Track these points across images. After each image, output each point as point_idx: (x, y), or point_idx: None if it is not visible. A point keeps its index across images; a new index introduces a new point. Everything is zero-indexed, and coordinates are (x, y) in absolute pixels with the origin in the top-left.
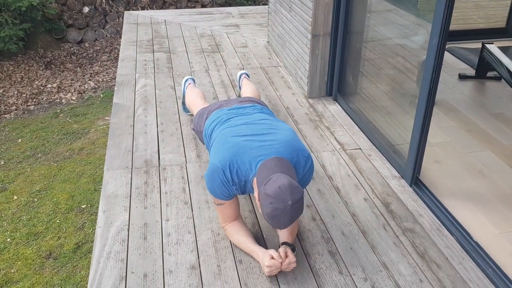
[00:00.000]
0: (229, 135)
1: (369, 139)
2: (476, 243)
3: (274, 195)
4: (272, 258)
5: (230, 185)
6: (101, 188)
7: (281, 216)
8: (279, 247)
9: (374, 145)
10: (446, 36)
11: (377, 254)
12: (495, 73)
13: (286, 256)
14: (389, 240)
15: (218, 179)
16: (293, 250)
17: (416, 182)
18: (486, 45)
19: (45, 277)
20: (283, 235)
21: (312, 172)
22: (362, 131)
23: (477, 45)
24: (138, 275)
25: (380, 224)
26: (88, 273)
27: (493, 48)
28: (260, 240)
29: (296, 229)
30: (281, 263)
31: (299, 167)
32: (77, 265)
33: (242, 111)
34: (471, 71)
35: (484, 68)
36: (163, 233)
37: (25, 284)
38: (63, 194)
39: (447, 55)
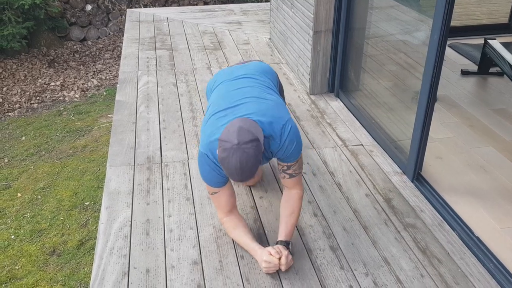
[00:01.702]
0: (207, 116)
1: (371, 135)
2: (478, 238)
3: (223, 137)
4: (270, 254)
5: (218, 168)
6: (104, 185)
7: (230, 158)
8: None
9: (376, 141)
10: (447, 32)
11: (379, 250)
12: (498, 69)
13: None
14: (390, 236)
15: (205, 165)
16: (286, 246)
17: (417, 178)
18: (488, 41)
19: (49, 273)
20: (280, 233)
21: (293, 140)
22: (364, 127)
23: (480, 41)
24: (141, 270)
25: (382, 220)
26: (91, 269)
27: (496, 44)
28: (262, 236)
29: (292, 227)
30: (279, 259)
31: (276, 137)
32: (81, 261)
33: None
34: (474, 67)
35: (487, 64)
36: (165, 229)
37: (29, 281)
38: (66, 192)
39: (449, 51)
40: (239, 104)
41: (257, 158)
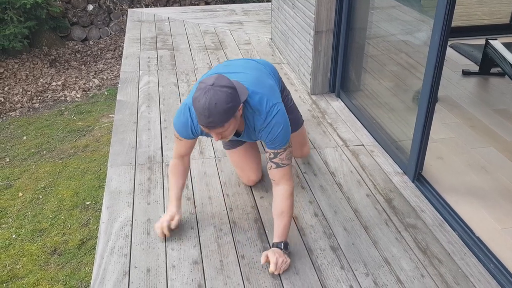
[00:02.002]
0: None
1: (371, 135)
2: (478, 238)
3: (203, 80)
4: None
5: (193, 127)
6: (105, 185)
7: (201, 97)
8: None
9: (377, 142)
10: (448, 32)
11: (379, 250)
12: (499, 69)
13: (269, 261)
14: (391, 236)
15: (182, 116)
16: (280, 247)
17: (418, 178)
18: (490, 41)
19: (50, 273)
20: (274, 234)
21: (280, 123)
22: (365, 128)
23: (481, 41)
24: (141, 270)
25: (382, 220)
26: (92, 268)
27: (497, 44)
28: (262, 235)
29: (284, 228)
30: (169, 222)
31: (262, 112)
32: (82, 261)
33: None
34: (475, 67)
35: (488, 64)
36: None
37: (30, 280)
38: (67, 191)
39: (450, 52)
40: (237, 72)
41: (227, 105)
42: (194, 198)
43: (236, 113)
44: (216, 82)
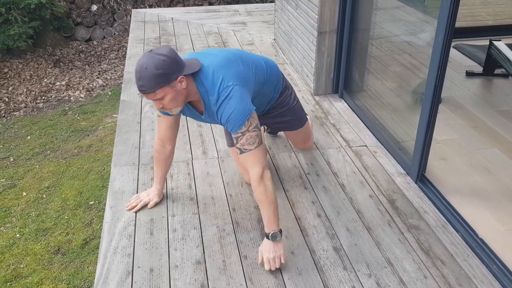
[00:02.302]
0: None
1: (375, 136)
2: (481, 240)
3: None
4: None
5: None
6: (108, 185)
7: (137, 61)
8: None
9: (380, 142)
10: (452, 33)
11: (382, 251)
12: (503, 70)
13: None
14: (394, 237)
15: None
16: (268, 237)
17: (421, 179)
18: (493, 42)
19: (54, 272)
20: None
21: (232, 106)
22: (368, 128)
23: (485, 42)
24: (145, 269)
25: (385, 221)
26: (96, 268)
27: (501, 45)
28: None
29: (268, 217)
30: (146, 202)
31: (215, 90)
32: (85, 260)
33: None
34: (479, 68)
35: (492, 65)
36: (169, 229)
37: (34, 279)
38: (71, 191)
39: (454, 52)
40: (208, 54)
41: (157, 71)
42: (197, 198)
43: (173, 84)
44: (155, 49)
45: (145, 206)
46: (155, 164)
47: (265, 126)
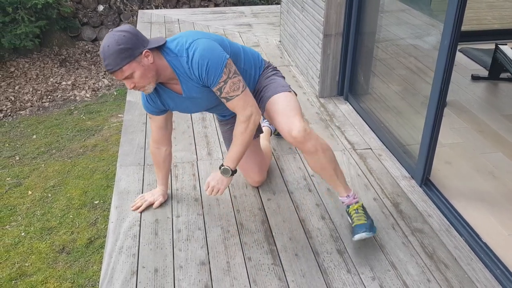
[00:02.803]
0: None
1: (379, 139)
2: (485, 244)
3: None
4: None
5: (151, 98)
6: (113, 185)
7: (102, 42)
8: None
9: (385, 145)
10: (458, 37)
11: (386, 254)
12: (508, 74)
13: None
14: (397, 240)
15: (142, 95)
16: (224, 171)
17: (426, 183)
18: (499, 46)
19: (58, 271)
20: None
21: (205, 57)
22: (373, 131)
23: (491, 46)
24: (149, 270)
25: (389, 224)
26: (100, 267)
27: (507, 49)
28: (269, 237)
29: (232, 153)
30: (151, 202)
31: (182, 52)
32: (90, 259)
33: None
34: (484, 72)
35: (497, 69)
36: (173, 229)
37: (38, 278)
38: (76, 190)
39: (460, 56)
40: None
41: (119, 46)
42: (201, 199)
43: (138, 59)
44: (116, 28)
45: (150, 206)
46: (154, 166)
47: (271, 128)
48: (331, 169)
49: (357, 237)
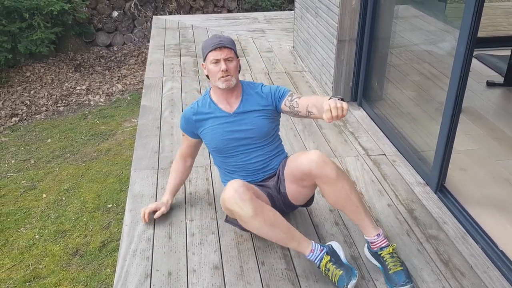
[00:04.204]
0: None
1: (393, 145)
2: (502, 252)
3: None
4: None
5: (191, 119)
6: (127, 189)
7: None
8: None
9: (399, 151)
10: (474, 43)
11: None
12: None
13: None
14: (412, 247)
15: (189, 107)
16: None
17: (441, 189)
18: None
19: (72, 273)
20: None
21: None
22: (387, 137)
23: (506, 52)
24: (163, 273)
25: (404, 231)
26: (113, 270)
27: None
28: None
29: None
30: (152, 210)
31: (251, 84)
32: (103, 262)
33: None
34: (500, 79)
35: None
36: (187, 233)
37: (52, 280)
38: (90, 194)
39: (475, 62)
40: None
41: (233, 41)
42: (215, 204)
43: (237, 58)
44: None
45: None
46: (172, 172)
47: None
48: (356, 199)
49: None
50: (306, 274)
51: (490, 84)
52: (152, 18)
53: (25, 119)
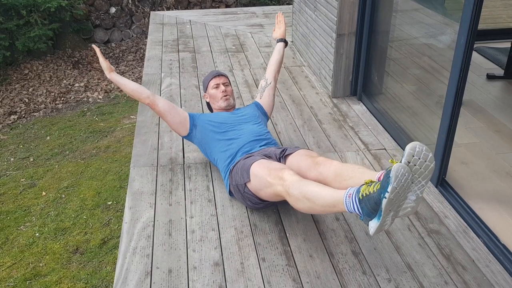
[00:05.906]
0: None
1: (394, 139)
2: (504, 245)
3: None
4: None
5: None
6: (126, 186)
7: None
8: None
9: (399, 146)
10: (474, 35)
11: (402, 255)
12: None
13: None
14: (413, 241)
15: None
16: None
17: (442, 183)
18: None
19: (72, 271)
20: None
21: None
22: (387, 131)
23: (506, 44)
24: (163, 270)
25: (405, 225)
26: (113, 268)
27: None
28: (283, 238)
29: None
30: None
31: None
32: (103, 260)
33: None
34: (500, 71)
35: None
36: (187, 230)
37: (52, 278)
38: (89, 191)
39: (475, 55)
40: None
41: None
42: (215, 200)
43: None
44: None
45: (163, 206)
46: (133, 84)
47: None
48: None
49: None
50: (307, 270)
51: (490, 77)
52: (149, 14)
53: (24, 116)
